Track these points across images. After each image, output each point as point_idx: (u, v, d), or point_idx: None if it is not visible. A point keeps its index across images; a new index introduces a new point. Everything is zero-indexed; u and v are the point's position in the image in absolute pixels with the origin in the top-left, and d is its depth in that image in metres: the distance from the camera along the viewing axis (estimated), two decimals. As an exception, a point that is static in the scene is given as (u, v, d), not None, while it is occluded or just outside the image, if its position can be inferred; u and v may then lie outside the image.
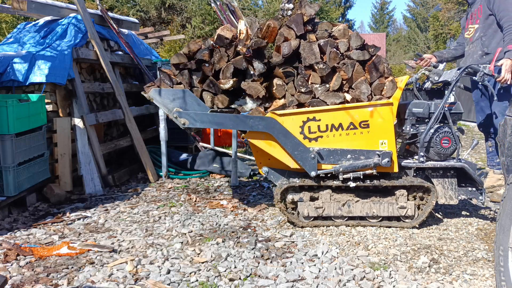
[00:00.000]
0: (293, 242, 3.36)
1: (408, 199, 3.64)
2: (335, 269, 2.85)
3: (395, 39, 50.26)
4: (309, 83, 3.68)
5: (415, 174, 3.75)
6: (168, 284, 2.65)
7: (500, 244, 2.15)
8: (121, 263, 2.91)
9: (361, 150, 3.60)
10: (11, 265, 2.88)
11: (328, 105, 3.61)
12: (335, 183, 3.60)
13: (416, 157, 3.79)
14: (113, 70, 5.58)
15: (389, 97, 3.61)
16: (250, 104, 3.78)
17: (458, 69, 3.74)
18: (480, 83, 3.78)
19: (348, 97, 3.65)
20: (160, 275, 2.75)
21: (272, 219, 3.91)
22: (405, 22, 51.17)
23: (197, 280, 2.70)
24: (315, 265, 2.93)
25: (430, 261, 3.00)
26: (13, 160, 3.85)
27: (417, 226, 3.67)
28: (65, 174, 4.65)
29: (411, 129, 3.77)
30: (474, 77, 3.71)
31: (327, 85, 3.66)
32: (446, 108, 3.69)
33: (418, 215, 3.65)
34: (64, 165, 4.65)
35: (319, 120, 3.58)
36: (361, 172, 3.57)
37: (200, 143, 6.29)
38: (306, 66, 3.68)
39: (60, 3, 5.46)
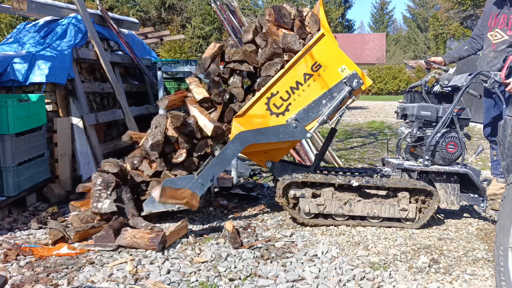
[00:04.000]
0: (293, 242, 3.36)
1: (410, 202, 3.64)
2: (335, 269, 2.85)
3: (395, 39, 50.30)
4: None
5: (418, 177, 3.74)
6: (168, 284, 2.65)
7: (500, 244, 2.15)
8: (121, 263, 2.91)
9: (329, 89, 3.61)
10: (11, 265, 2.88)
11: (273, 75, 3.63)
12: (338, 181, 3.60)
13: (420, 160, 3.79)
14: (113, 70, 5.58)
15: (318, 30, 3.63)
16: (218, 147, 3.81)
17: (469, 75, 3.71)
18: (491, 90, 3.74)
19: (285, 57, 3.66)
20: (160, 275, 2.75)
21: (272, 219, 3.91)
22: (405, 22, 51.22)
23: (197, 280, 2.70)
24: (315, 265, 2.93)
25: (430, 261, 3.00)
26: (13, 160, 3.85)
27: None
28: (65, 174, 4.65)
29: (418, 132, 3.77)
30: (484, 84, 3.68)
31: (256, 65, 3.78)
32: (454, 113, 3.69)
33: (419, 218, 3.65)
34: (64, 165, 4.64)
35: (277, 92, 3.59)
36: (344, 107, 3.62)
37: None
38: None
39: (60, 3, 5.46)
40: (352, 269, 2.85)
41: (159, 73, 5.71)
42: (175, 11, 18.97)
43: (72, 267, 2.86)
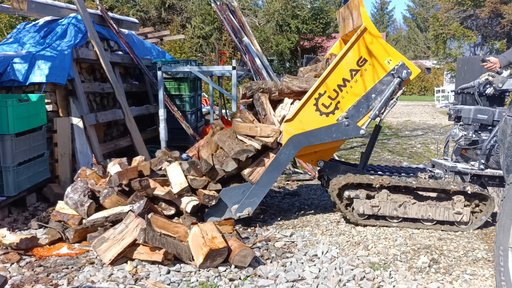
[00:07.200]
0: (293, 242, 3.36)
1: (464, 205, 3.59)
2: (335, 269, 2.85)
3: (395, 39, 50.26)
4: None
5: (470, 180, 3.73)
6: (168, 284, 2.65)
7: (500, 244, 2.15)
8: (121, 263, 2.90)
9: (379, 82, 3.57)
10: (11, 265, 2.88)
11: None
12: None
13: (472, 163, 3.78)
14: (113, 70, 5.58)
15: (360, 25, 3.59)
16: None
17: None
18: None
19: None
20: (160, 275, 2.75)
21: (272, 219, 3.91)
22: (405, 22, 51.18)
23: (197, 280, 2.70)
24: (315, 265, 2.93)
25: (430, 261, 3.00)
26: (13, 160, 3.85)
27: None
28: (65, 174, 4.65)
29: (473, 135, 3.75)
30: None
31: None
32: None
33: (473, 222, 3.62)
34: (64, 165, 4.64)
35: (325, 92, 3.56)
36: (395, 99, 3.57)
37: (200, 143, 6.29)
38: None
39: (60, 3, 5.46)
40: (352, 269, 2.85)
41: (159, 73, 5.71)
42: (175, 11, 18.98)
43: (72, 267, 2.86)
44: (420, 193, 3.64)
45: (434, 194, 3.64)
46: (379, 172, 4.00)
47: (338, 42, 4.31)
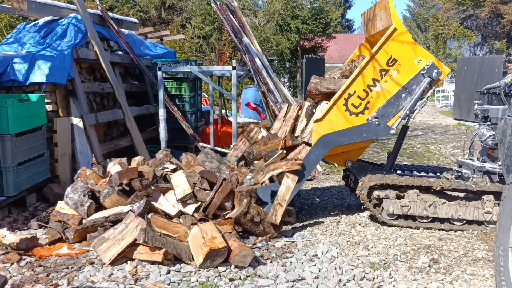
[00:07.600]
0: (293, 242, 3.36)
1: (494, 205, 3.59)
2: (335, 269, 2.85)
3: (395, 39, 50.14)
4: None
5: (498, 180, 3.74)
6: (168, 284, 2.65)
7: (500, 244, 2.15)
8: (121, 263, 2.91)
9: (408, 82, 3.58)
10: (11, 265, 2.88)
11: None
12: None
13: (499, 162, 3.80)
14: (113, 70, 5.58)
15: (389, 26, 3.59)
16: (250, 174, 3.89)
17: None
18: None
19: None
20: (160, 275, 2.75)
21: (272, 219, 3.91)
22: (405, 22, 51.12)
23: (197, 280, 2.70)
24: (315, 265, 2.93)
25: (430, 261, 3.00)
26: (13, 160, 3.85)
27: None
28: (65, 174, 4.65)
29: None
30: None
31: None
32: None
33: None
34: (64, 165, 4.64)
35: (354, 92, 3.58)
36: (425, 99, 3.58)
37: (200, 143, 6.29)
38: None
39: (60, 3, 5.46)
40: (352, 269, 2.85)
41: (159, 73, 5.71)
42: (175, 11, 18.97)
43: (72, 267, 2.86)
44: (449, 192, 3.63)
45: (462, 194, 3.62)
46: (407, 172, 4.01)
47: (363, 44, 4.33)
